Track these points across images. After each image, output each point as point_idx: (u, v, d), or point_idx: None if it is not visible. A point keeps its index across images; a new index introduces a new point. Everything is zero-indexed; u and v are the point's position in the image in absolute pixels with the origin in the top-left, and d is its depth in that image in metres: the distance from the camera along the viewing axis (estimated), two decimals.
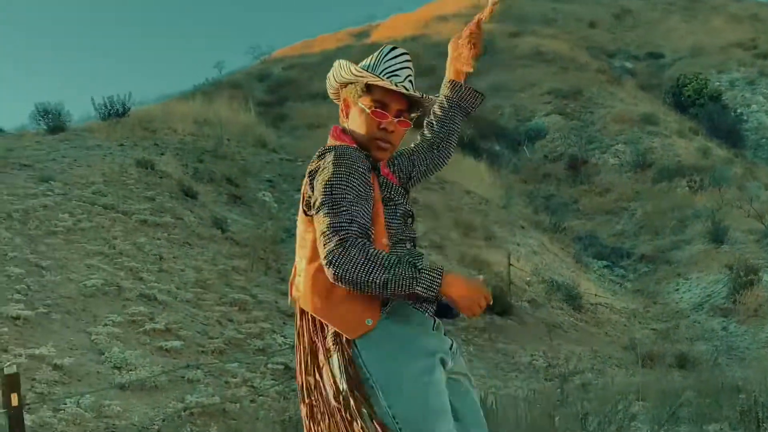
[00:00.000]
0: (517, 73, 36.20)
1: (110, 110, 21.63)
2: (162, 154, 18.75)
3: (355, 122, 2.70)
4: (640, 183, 27.53)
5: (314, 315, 2.56)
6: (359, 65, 2.70)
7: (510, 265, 16.39)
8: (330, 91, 2.87)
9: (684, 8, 49.55)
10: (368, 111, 2.65)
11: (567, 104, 33.15)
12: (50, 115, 21.62)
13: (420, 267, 2.42)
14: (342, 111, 2.78)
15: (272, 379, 9.89)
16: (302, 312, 2.64)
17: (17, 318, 9.14)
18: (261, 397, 9.33)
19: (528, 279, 17.52)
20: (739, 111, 36.24)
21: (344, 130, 2.75)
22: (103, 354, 9.08)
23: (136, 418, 7.93)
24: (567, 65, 37.15)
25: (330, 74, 2.76)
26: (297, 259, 2.68)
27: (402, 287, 2.39)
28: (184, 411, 8.33)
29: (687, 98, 35.34)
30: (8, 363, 6.60)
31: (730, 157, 30.19)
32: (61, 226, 12.62)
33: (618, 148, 29.99)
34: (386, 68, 2.69)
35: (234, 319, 11.46)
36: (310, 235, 2.59)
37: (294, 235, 2.90)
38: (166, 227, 14.21)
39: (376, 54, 2.74)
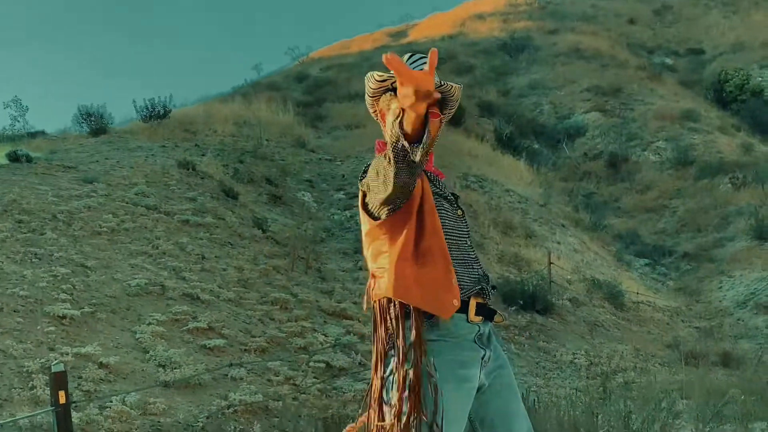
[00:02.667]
0: (556, 71, 36.01)
1: (151, 112, 21.90)
2: (203, 155, 18.93)
3: (390, 126, 2.76)
4: (681, 180, 27.22)
5: (407, 303, 2.72)
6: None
7: (551, 263, 16.31)
8: (370, 111, 2.98)
9: (724, 3, 48.91)
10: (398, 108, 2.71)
11: (607, 101, 32.90)
12: (93, 118, 21.92)
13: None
14: (382, 123, 2.90)
15: (314, 377, 9.94)
16: (382, 313, 2.81)
17: (64, 317, 9.29)
18: (303, 395, 9.38)
19: (569, 277, 17.41)
20: None
21: (384, 141, 2.82)
22: (148, 352, 9.19)
23: (180, 416, 8.02)
24: (606, 62, 36.87)
25: (366, 93, 2.87)
26: (374, 266, 2.82)
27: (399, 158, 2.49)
28: (228, 408, 8.40)
29: (728, 94, 34.91)
30: (56, 361, 6.70)
31: None
32: (105, 226, 12.79)
33: (659, 145, 29.70)
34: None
35: (275, 317, 11.53)
36: (384, 238, 2.77)
37: (333, 234, 3.04)
38: (208, 227, 14.35)
39: None
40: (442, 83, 2.80)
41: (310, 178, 19.79)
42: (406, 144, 2.43)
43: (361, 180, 2.78)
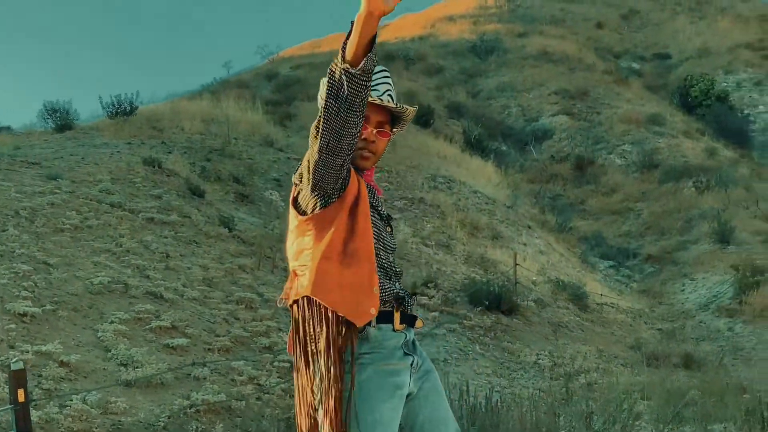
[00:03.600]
0: (524, 73, 36.22)
1: (118, 109, 21.71)
2: (169, 152, 18.82)
3: None
4: (646, 183, 27.50)
5: (325, 304, 2.70)
6: None
7: (516, 264, 16.39)
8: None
9: (691, 9, 49.49)
10: None
11: (574, 104, 33.15)
12: (58, 114, 21.73)
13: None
14: None
15: (278, 377, 9.92)
16: (302, 313, 2.77)
17: (24, 315, 9.19)
18: (267, 395, 9.36)
19: (534, 279, 17.52)
20: (746, 112, 36.21)
21: None
22: (110, 351, 9.12)
23: (141, 415, 7.97)
24: (574, 66, 37.15)
25: (319, 93, 2.85)
26: (296, 264, 2.80)
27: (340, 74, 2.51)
28: (190, 408, 8.36)
29: (694, 99, 35.32)
30: (15, 359, 6.64)
31: (736, 157, 30.17)
32: (68, 223, 12.68)
33: (624, 148, 29.98)
34: None
35: (240, 317, 11.49)
36: (310, 235, 2.74)
37: None
38: (173, 225, 14.26)
39: None
40: (399, 105, 2.84)
41: (278, 177, 19.74)
42: (342, 64, 2.44)
43: (294, 174, 2.78)
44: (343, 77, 2.42)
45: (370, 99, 2.73)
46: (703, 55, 41.45)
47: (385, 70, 2.88)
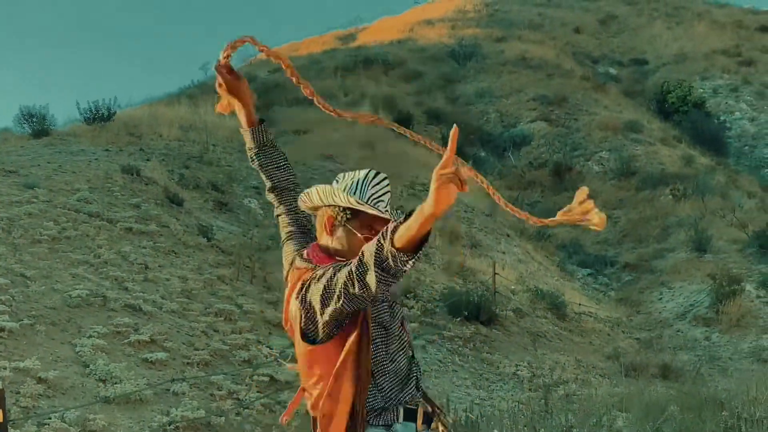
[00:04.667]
0: (503, 79, 36.30)
1: (95, 114, 21.55)
2: (148, 159, 18.72)
3: (343, 242, 2.86)
4: (623, 191, 27.62)
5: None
6: (344, 188, 2.85)
7: (495, 273, 16.42)
8: (305, 205, 3.02)
9: (668, 14, 49.82)
10: (360, 236, 2.82)
11: (552, 111, 33.25)
12: (35, 119, 21.53)
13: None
14: (325, 227, 2.91)
15: (257, 392, 9.89)
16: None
17: (2, 330, 9.11)
18: (246, 410, 9.33)
19: (513, 287, 17.56)
20: (722, 118, 36.49)
21: (326, 250, 2.88)
22: (88, 366, 9.06)
23: None
24: (552, 71, 37.27)
25: (313, 193, 2.90)
26: (309, 385, 2.87)
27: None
28: (169, 425, 8.31)
29: (671, 105, 35.52)
30: None
31: (713, 165, 30.36)
32: (45, 234, 12.58)
33: (602, 155, 30.10)
34: (372, 194, 2.86)
35: (219, 329, 11.44)
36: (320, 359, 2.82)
37: (279, 242, 3.09)
38: (152, 235, 14.19)
39: (359, 178, 2.90)
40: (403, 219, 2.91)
41: (256, 185, 19.67)
42: (391, 247, 2.41)
43: (303, 299, 2.72)
44: (391, 259, 2.42)
45: (381, 215, 2.83)
46: (680, 61, 41.76)
47: (386, 178, 2.93)
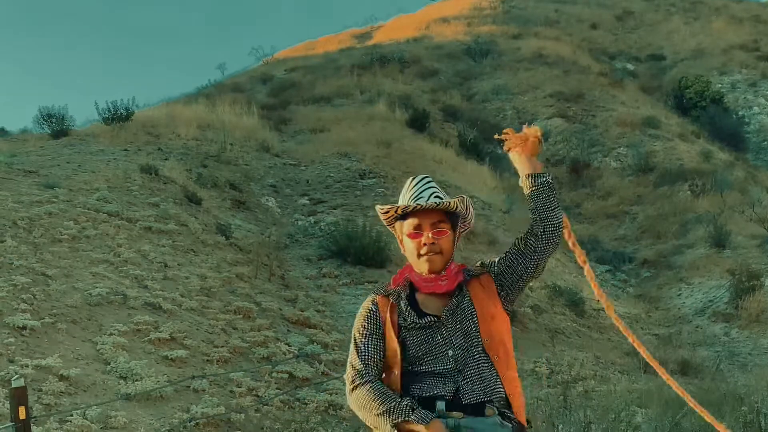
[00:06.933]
0: (519, 76, 36.20)
1: (114, 114, 21.67)
2: (166, 159, 18.82)
3: (407, 250, 3.11)
4: (641, 187, 27.49)
5: None
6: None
7: None
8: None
9: (685, 9, 49.49)
10: (405, 236, 3.07)
11: (569, 107, 33.13)
12: (54, 119, 21.68)
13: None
14: (402, 247, 3.16)
15: (277, 388, 9.94)
16: None
17: (23, 328, 9.21)
18: (266, 407, 9.38)
19: (531, 284, 17.52)
20: (741, 113, 36.23)
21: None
22: (109, 364, 9.14)
23: (141, 429, 7.99)
24: (569, 68, 37.13)
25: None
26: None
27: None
28: (190, 422, 8.38)
29: (689, 101, 35.29)
30: (16, 376, 6.65)
31: (731, 160, 30.17)
32: (66, 233, 12.68)
33: (620, 151, 29.98)
34: (412, 194, 3.07)
35: (238, 327, 11.51)
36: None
37: (297, 240, 3.31)
38: (171, 234, 14.27)
39: (404, 186, 3.14)
40: (445, 202, 3.07)
41: (274, 183, 19.76)
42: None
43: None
44: None
45: (404, 205, 3.03)
46: (698, 56, 41.48)
47: (427, 177, 3.13)
